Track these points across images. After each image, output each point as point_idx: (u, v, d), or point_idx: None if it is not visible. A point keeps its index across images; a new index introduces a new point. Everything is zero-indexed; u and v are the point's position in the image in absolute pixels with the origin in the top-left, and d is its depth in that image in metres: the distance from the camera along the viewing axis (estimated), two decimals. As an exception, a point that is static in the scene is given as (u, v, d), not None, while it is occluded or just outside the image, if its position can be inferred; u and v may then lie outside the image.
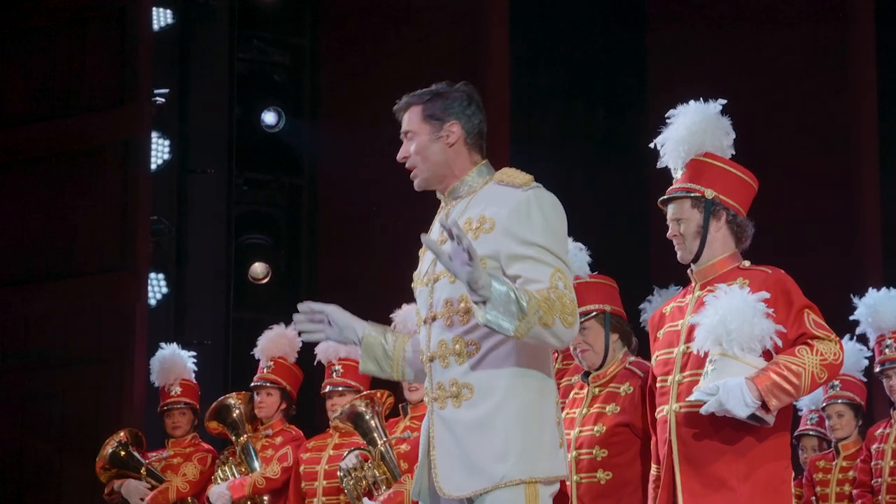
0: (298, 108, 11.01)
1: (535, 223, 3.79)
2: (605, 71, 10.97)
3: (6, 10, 9.83)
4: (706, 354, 4.29)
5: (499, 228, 3.82)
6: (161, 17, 10.40)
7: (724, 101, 4.55)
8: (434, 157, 3.96)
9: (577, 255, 5.30)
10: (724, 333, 4.22)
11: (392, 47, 10.36)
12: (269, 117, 10.78)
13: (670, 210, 4.51)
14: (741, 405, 4.16)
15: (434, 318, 3.89)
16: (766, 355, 4.26)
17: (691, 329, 4.36)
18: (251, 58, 10.86)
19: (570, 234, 5.28)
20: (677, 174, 4.55)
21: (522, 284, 3.74)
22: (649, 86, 10.77)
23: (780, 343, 4.26)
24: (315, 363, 7.22)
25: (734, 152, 4.55)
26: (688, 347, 4.38)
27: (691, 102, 4.57)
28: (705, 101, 4.58)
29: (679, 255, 4.51)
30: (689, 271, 4.54)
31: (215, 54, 10.61)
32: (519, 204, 3.82)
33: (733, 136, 4.55)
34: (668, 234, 4.51)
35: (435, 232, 4.02)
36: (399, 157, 4.00)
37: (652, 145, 4.62)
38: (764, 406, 4.18)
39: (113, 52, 9.63)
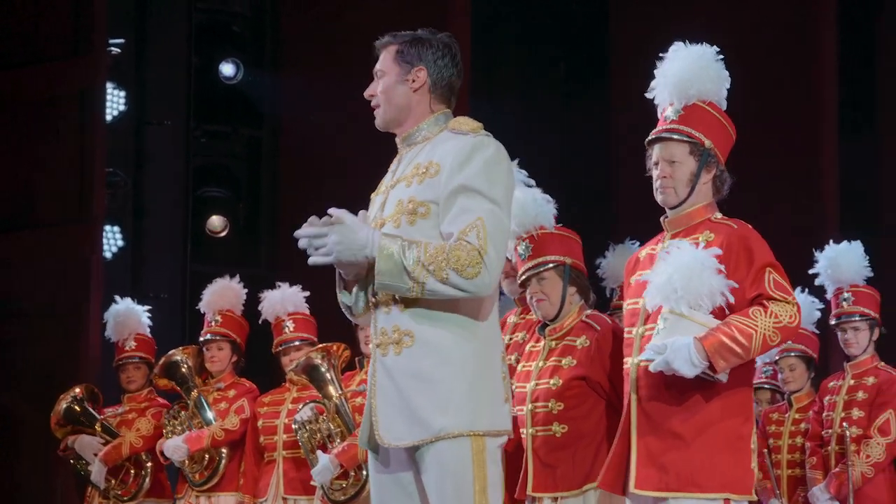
0: (259, 59, 10.91)
1: (472, 166, 3.79)
2: (566, 22, 10.91)
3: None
4: (658, 310, 4.25)
5: (442, 173, 3.82)
6: (117, -34, 10.25)
7: (720, 52, 4.46)
8: (396, 98, 3.96)
9: (544, 207, 5.27)
10: (671, 291, 4.19)
11: (351, -2, 10.26)
12: (227, 69, 10.66)
13: (661, 149, 4.41)
14: (688, 365, 4.14)
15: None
16: (721, 312, 4.22)
17: None
18: (210, 7, 10.74)
19: (534, 186, 5.28)
20: (667, 112, 4.45)
21: (446, 237, 3.76)
22: (611, 38, 10.71)
23: (731, 300, 4.21)
24: (260, 321, 7.19)
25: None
26: (649, 301, 4.35)
27: (690, 44, 4.48)
28: (687, 45, 4.49)
29: (662, 197, 4.42)
30: (661, 219, 4.49)
31: (173, 4, 10.50)
32: (462, 148, 3.82)
33: (729, 85, 4.48)
34: (657, 174, 4.41)
35: (387, 178, 4.01)
36: (366, 93, 4.00)
37: (649, 96, 4.51)
38: (711, 366, 4.16)
39: (68, 1, 9.49)
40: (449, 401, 3.75)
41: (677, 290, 4.18)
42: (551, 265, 5.09)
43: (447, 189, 3.78)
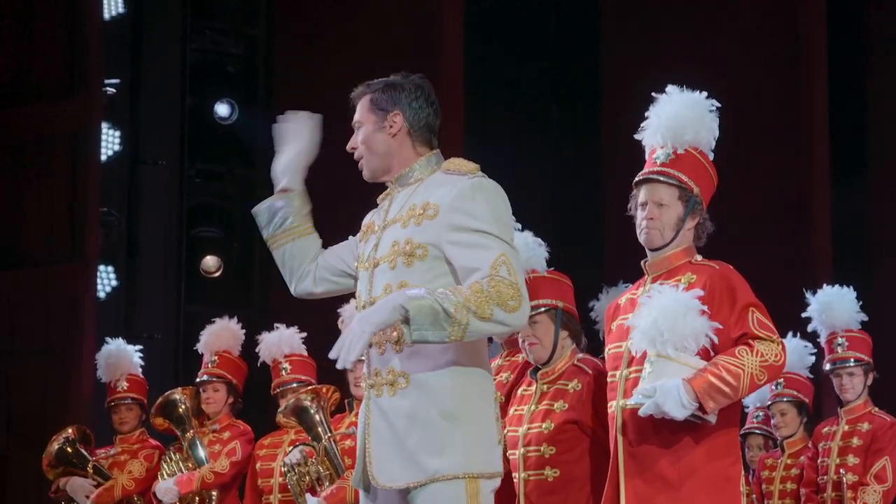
0: (252, 99, 10.94)
1: (478, 209, 3.78)
2: (558, 64, 10.97)
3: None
4: (644, 354, 4.26)
5: (441, 215, 3.81)
6: (112, 6, 10.29)
7: (717, 103, 4.50)
8: (377, 146, 3.97)
9: (536, 251, 5.28)
10: (657, 335, 4.20)
11: (346, 40, 10.31)
12: (221, 109, 10.69)
13: (649, 191, 4.42)
14: (678, 407, 4.14)
15: (373, 303, 3.85)
16: (706, 353, 4.24)
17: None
18: (204, 48, 10.77)
19: (525, 229, 5.31)
20: (656, 154, 4.46)
21: (461, 274, 3.74)
22: (603, 79, 10.76)
23: (716, 340, 4.22)
24: (259, 364, 7.18)
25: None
26: (633, 345, 4.36)
27: (685, 90, 4.50)
28: (682, 89, 4.51)
29: (646, 237, 4.43)
30: (642, 263, 4.51)
31: (168, 44, 10.52)
32: (462, 191, 3.81)
33: (717, 136, 4.50)
34: (644, 215, 4.42)
35: (378, 218, 4.02)
36: (348, 147, 4.03)
37: (638, 136, 4.54)
38: (701, 407, 4.16)
39: (63, 40, 9.53)
40: (444, 443, 3.74)
41: (663, 334, 4.19)
42: (543, 309, 5.10)
43: (451, 227, 3.78)
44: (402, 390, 3.79)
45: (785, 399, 7.09)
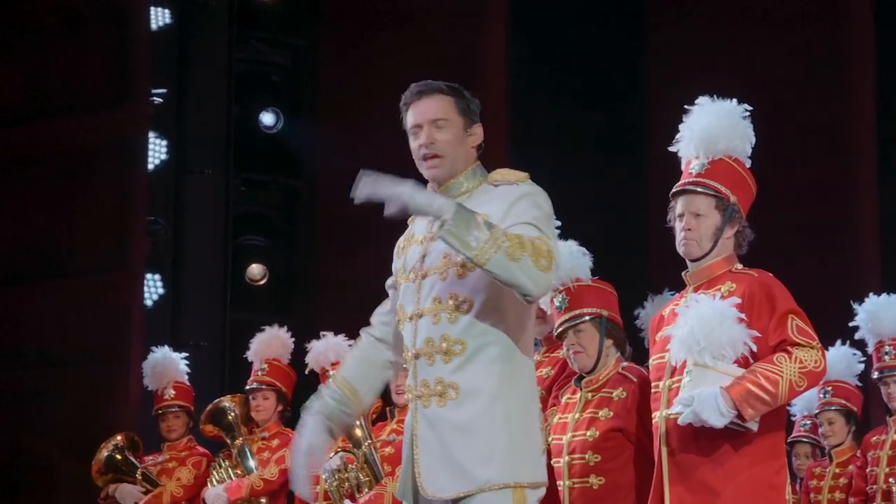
0: (297, 108, 10.99)
1: (525, 207, 3.79)
2: (603, 74, 10.95)
3: (4, 9, 9.81)
4: (684, 363, 4.26)
5: (491, 220, 3.78)
6: (159, 17, 10.38)
7: (749, 108, 4.50)
8: (462, 151, 3.91)
9: (580, 260, 5.29)
10: (694, 344, 4.20)
11: (391, 48, 10.34)
12: (267, 118, 10.76)
13: (686, 202, 4.43)
14: (716, 415, 4.14)
15: (421, 315, 3.86)
16: (745, 361, 4.23)
17: None
18: (249, 58, 10.84)
19: (569, 238, 5.31)
20: (692, 165, 4.48)
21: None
22: (649, 89, 10.75)
23: (754, 348, 4.22)
24: (307, 371, 7.21)
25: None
26: (676, 355, 4.37)
27: (718, 99, 4.51)
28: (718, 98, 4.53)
29: (685, 249, 4.44)
30: (683, 274, 4.51)
31: (213, 54, 10.59)
32: (510, 195, 3.82)
33: (753, 143, 4.51)
34: (682, 226, 4.43)
35: (422, 228, 3.98)
36: (426, 141, 3.88)
37: (673, 149, 4.55)
38: (740, 415, 4.16)
39: (111, 51, 9.62)
40: (492, 452, 3.74)
41: (700, 342, 4.19)
42: (588, 317, 5.11)
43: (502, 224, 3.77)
44: (452, 401, 3.79)
45: (833, 408, 7.05)
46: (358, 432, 6.57)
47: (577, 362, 5.10)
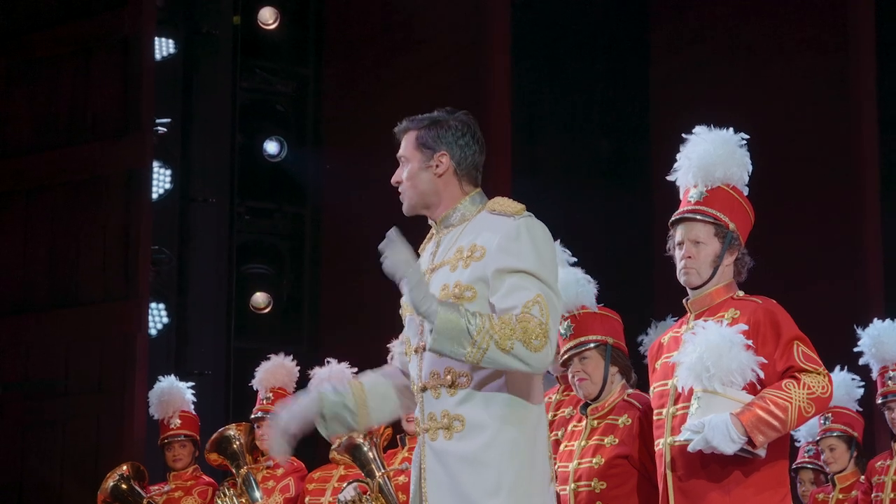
0: (301, 137, 11.03)
1: (522, 250, 3.81)
2: (607, 101, 10.98)
3: (11, 40, 9.86)
4: (691, 390, 4.28)
5: (488, 256, 3.83)
6: (164, 47, 10.42)
7: (746, 136, 4.54)
8: (422, 185, 3.98)
9: (586, 287, 5.31)
10: (703, 370, 4.22)
11: (395, 78, 10.38)
12: (271, 146, 10.79)
13: (685, 230, 4.46)
14: (727, 441, 4.15)
15: (425, 348, 3.87)
16: (752, 388, 4.25)
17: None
18: (254, 87, 10.87)
19: (574, 265, 5.33)
20: (690, 194, 4.51)
21: (498, 313, 3.74)
22: (652, 116, 10.78)
23: (761, 375, 4.24)
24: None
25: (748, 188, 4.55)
26: (678, 381, 4.38)
27: (714, 128, 4.56)
28: (715, 127, 4.57)
29: (685, 278, 4.47)
30: (684, 301, 4.53)
31: (218, 84, 10.63)
32: (509, 231, 3.84)
33: (750, 171, 4.54)
34: (681, 254, 4.46)
35: (425, 261, 4.02)
36: (393, 180, 4.04)
37: (671, 178, 4.58)
38: (750, 441, 4.17)
39: (116, 82, 9.65)
40: (499, 484, 3.76)
41: (709, 369, 4.21)
42: (593, 345, 5.12)
43: (495, 268, 3.80)
44: (459, 433, 3.81)
45: (834, 434, 7.05)
46: (372, 466, 6.58)
47: (581, 389, 5.11)
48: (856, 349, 6.75)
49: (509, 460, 3.78)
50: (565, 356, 5.15)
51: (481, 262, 3.84)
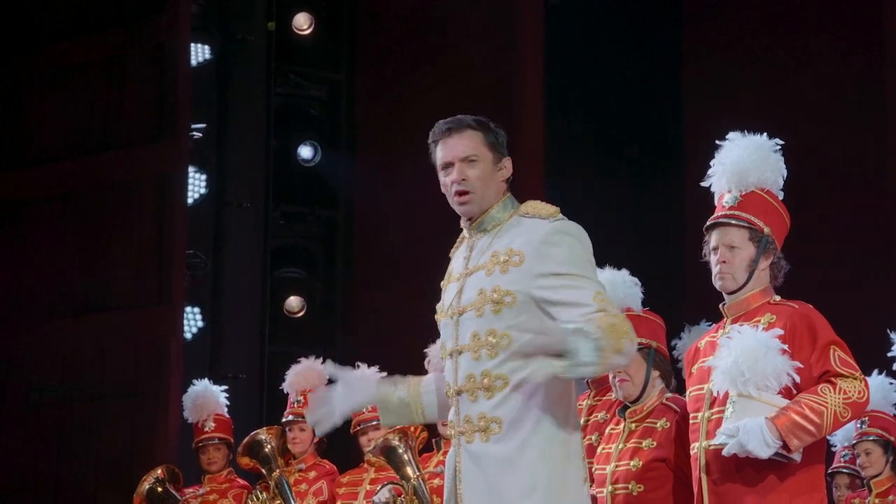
0: (335, 141, 11.07)
1: (562, 254, 3.83)
2: (639, 107, 10.97)
3: (46, 47, 9.94)
4: (726, 394, 4.29)
5: (527, 262, 3.85)
6: (199, 53, 10.49)
7: (780, 142, 4.55)
8: (493, 186, 3.97)
9: (632, 290, 5.33)
10: (738, 375, 4.23)
11: (427, 83, 10.41)
12: (305, 151, 10.84)
13: (720, 235, 4.47)
14: (762, 446, 4.16)
15: (461, 352, 3.90)
16: (788, 392, 4.25)
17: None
18: (288, 92, 10.93)
19: (607, 268, 5.34)
20: (725, 199, 4.52)
21: (568, 309, 3.76)
22: (684, 122, 10.76)
23: (797, 379, 4.24)
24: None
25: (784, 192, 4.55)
26: (714, 386, 4.38)
27: (748, 134, 4.56)
28: (748, 132, 4.57)
29: (721, 283, 4.48)
30: (720, 306, 4.54)
31: (252, 89, 10.69)
32: (546, 235, 3.85)
33: (784, 175, 4.54)
34: (716, 258, 4.46)
35: (458, 266, 4.04)
36: (457, 178, 3.94)
37: (705, 184, 4.59)
38: (785, 446, 4.17)
39: (151, 87, 9.71)
40: (534, 484, 3.78)
41: (744, 374, 4.22)
42: (637, 348, 5.13)
43: (538, 274, 3.81)
44: (496, 436, 3.83)
45: (870, 438, 7.02)
46: (407, 469, 6.59)
47: (622, 391, 5.11)
48: (890, 354, 6.73)
49: (544, 461, 3.80)
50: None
51: (520, 268, 3.85)
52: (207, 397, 7.81)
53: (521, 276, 3.84)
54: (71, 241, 9.77)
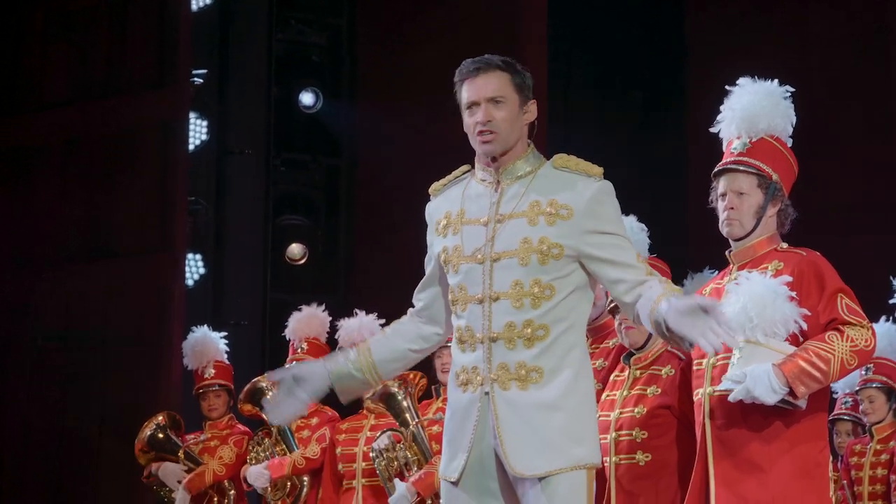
0: (336, 88, 11.02)
1: (610, 214, 3.90)
2: (642, 52, 10.92)
3: (46, -6, 9.89)
4: None
5: (577, 218, 3.85)
6: (199, -1, 10.43)
7: (791, 89, 4.51)
8: (517, 128, 3.92)
9: (639, 235, 5.32)
10: (747, 321, 4.21)
11: (430, 28, 10.35)
12: (306, 98, 10.79)
13: (728, 181, 4.45)
14: (769, 392, 4.16)
15: (496, 298, 3.87)
16: (795, 339, 4.25)
17: None
18: (289, 38, 10.87)
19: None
20: (734, 145, 4.50)
21: (617, 266, 3.86)
22: (687, 68, 10.71)
23: (804, 326, 4.24)
24: (338, 349, 7.23)
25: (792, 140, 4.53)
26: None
27: (758, 80, 4.53)
28: (755, 80, 4.54)
29: (728, 229, 4.46)
30: (727, 253, 4.52)
31: (253, 35, 10.64)
32: (596, 194, 3.88)
33: (794, 123, 4.52)
34: (724, 205, 4.45)
35: (480, 208, 3.97)
36: (483, 118, 3.89)
37: (714, 129, 4.56)
38: (791, 392, 4.17)
39: (152, 33, 9.67)
40: (584, 432, 3.83)
41: (753, 319, 4.21)
42: None
43: (588, 231, 3.86)
44: (535, 384, 3.83)
45: (874, 385, 7.03)
46: (406, 416, 6.60)
47: (628, 338, 5.10)
48: (892, 301, 6.72)
49: (588, 409, 3.86)
50: (614, 303, 5.14)
51: (569, 223, 3.85)
52: (207, 344, 7.80)
53: (571, 230, 3.84)
54: (73, 189, 9.76)
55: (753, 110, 4.47)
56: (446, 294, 4.02)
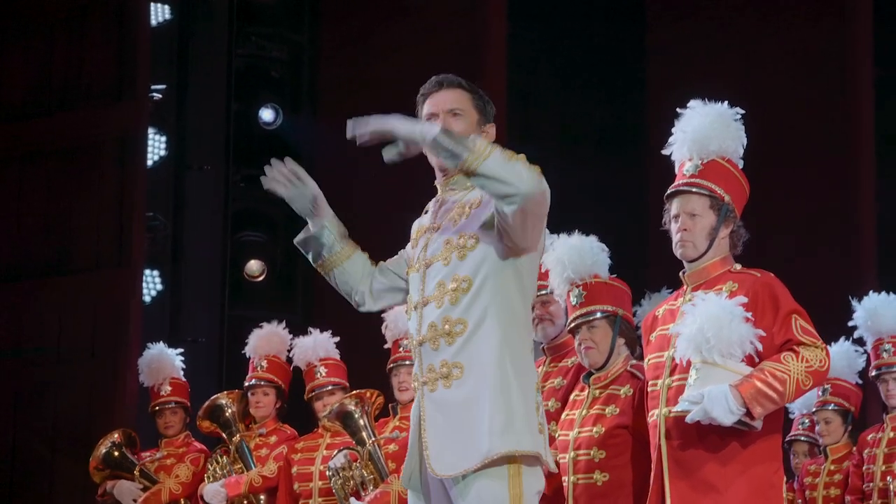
0: (296, 104, 10.99)
1: None
2: (603, 69, 10.95)
3: (5, 5, 9.81)
4: (689, 362, 4.29)
5: (483, 203, 3.89)
6: (159, 13, 10.38)
7: (741, 111, 4.54)
8: None
9: (599, 256, 5.32)
10: (703, 342, 4.24)
11: (390, 44, 10.34)
12: (266, 114, 10.75)
13: (681, 203, 4.48)
14: (726, 413, 4.17)
15: (426, 303, 3.93)
16: (750, 360, 4.27)
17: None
18: (249, 53, 10.83)
19: (569, 232, 5.32)
20: (686, 167, 4.52)
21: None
22: (648, 84, 10.75)
23: (760, 347, 4.26)
24: (292, 367, 7.22)
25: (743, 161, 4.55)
26: (676, 353, 4.38)
27: (709, 102, 4.57)
28: (709, 101, 4.57)
29: (681, 251, 4.49)
30: (681, 274, 4.53)
31: (213, 50, 10.59)
32: None
33: (745, 144, 4.54)
34: (677, 227, 4.48)
35: (426, 221, 4.07)
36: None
37: (666, 152, 4.58)
38: (748, 413, 4.18)
39: (111, 47, 9.62)
40: (492, 420, 3.78)
41: (709, 340, 4.23)
42: (602, 315, 5.13)
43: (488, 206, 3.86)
44: (457, 381, 3.85)
45: (830, 407, 7.06)
46: (362, 434, 6.58)
47: (587, 358, 5.12)
48: (850, 323, 6.75)
49: (500, 394, 3.79)
50: (574, 324, 5.16)
51: (479, 208, 3.89)
52: (163, 361, 7.76)
53: (481, 211, 3.88)
54: (30, 202, 9.68)
55: (704, 132, 4.51)
56: (398, 282, 4.11)
